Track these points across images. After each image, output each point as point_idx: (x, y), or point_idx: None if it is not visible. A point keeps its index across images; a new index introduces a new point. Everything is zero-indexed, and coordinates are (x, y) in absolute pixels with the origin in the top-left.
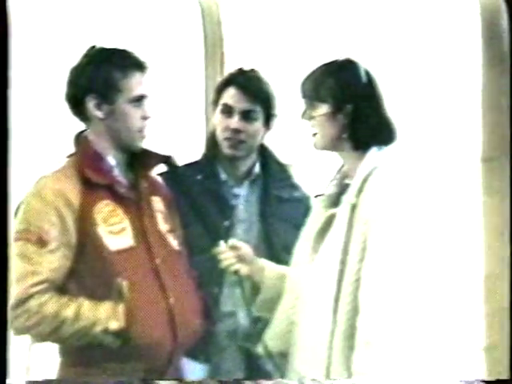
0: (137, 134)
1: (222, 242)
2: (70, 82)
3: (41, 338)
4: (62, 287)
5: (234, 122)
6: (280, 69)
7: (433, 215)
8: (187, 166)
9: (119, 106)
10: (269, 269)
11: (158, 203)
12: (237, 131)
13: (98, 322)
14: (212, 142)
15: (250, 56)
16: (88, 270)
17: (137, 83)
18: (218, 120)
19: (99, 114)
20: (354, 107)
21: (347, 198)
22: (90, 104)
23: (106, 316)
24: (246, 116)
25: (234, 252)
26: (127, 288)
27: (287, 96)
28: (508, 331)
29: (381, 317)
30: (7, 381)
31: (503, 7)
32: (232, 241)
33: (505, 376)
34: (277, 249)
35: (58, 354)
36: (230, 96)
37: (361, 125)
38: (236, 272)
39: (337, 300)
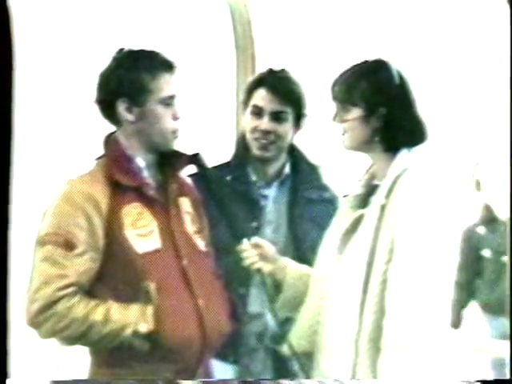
0: (169, 135)
1: (245, 240)
2: (100, 87)
3: (69, 341)
4: (89, 290)
5: (264, 123)
6: (311, 68)
7: (463, 217)
8: (217, 167)
9: (150, 107)
10: (291, 267)
11: (185, 204)
12: (266, 132)
13: (127, 324)
14: (242, 142)
15: (280, 56)
16: (116, 273)
17: (166, 83)
18: (247, 121)
19: (130, 117)
20: (386, 110)
21: (376, 199)
22: (121, 108)
23: (134, 319)
24: (276, 117)
25: (257, 250)
26: (155, 290)
27: (318, 95)
28: None
29: (407, 318)
30: (7, 381)
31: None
32: (255, 239)
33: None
34: (305, 250)
35: (88, 354)
36: (260, 97)
37: (393, 127)
38: (258, 270)
39: (363, 301)
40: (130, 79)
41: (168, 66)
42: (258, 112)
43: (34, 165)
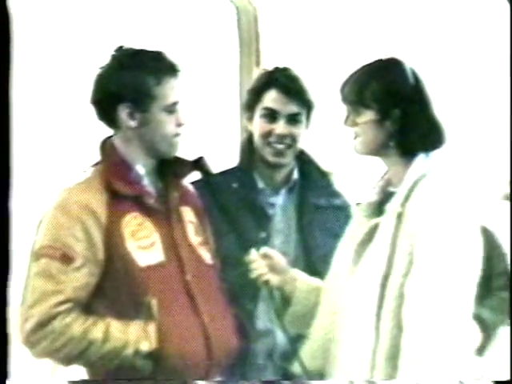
0: (171, 142)
1: (253, 251)
2: (99, 87)
3: (66, 361)
4: (88, 307)
5: (280, 126)
6: (319, 67)
7: (485, 226)
8: (222, 173)
9: (153, 114)
10: (301, 280)
11: (188, 214)
12: (283, 137)
13: (128, 343)
14: (248, 148)
15: (287, 53)
16: (116, 288)
17: (171, 89)
18: (257, 125)
19: (132, 123)
20: (401, 112)
21: (392, 207)
22: (123, 113)
23: (136, 337)
24: (292, 119)
25: (266, 261)
26: (158, 306)
27: (326, 96)
28: None
29: (426, 336)
30: (7, 382)
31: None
32: (264, 249)
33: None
34: (316, 261)
35: (86, 375)
36: (273, 99)
37: (409, 131)
38: (266, 282)
39: (379, 316)
40: (133, 83)
41: (173, 70)
42: (271, 115)
43: (26, 172)
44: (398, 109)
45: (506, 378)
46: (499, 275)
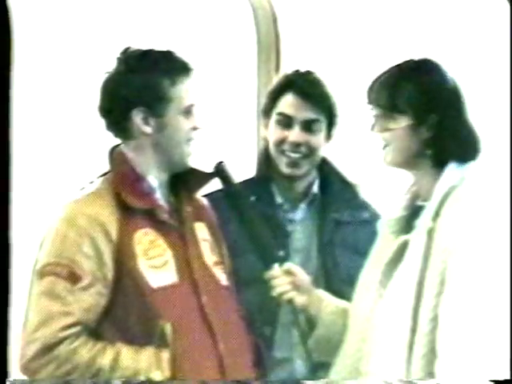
0: (187, 150)
1: (276, 266)
2: (108, 94)
3: None
4: (96, 330)
5: (294, 133)
6: (342, 69)
7: None
8: (240, 184)
9: (170, 118)
10: (327, 302)
11: (202, 230)
12: (297, 145)
13: (139, 371)
14: (265, 157)
15: (308, 56)
16: (126, 311)
17: (186, 90)
18: (272, 132)
19: (147, 129)
20: (439, 117)
21: (422, 222)
22: (137, 119)
23: (147, 365)
24: (308, 127)
25: (289, 278)
26: (171, 331)
27: (349, 100)
28: None
29: (462, 362)
30: (7, 381)
31: None
32: (288, 264)
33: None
34: (338, 282)
35: None
36: (288, 104)
37: (446, 138)
38: (290, 301)
39: (411, 343)
40: (146, 86)
41: (186, 69)
42: (286, 121)
43: (30, 183)
44: (435, 114)
45: (506, 377)
46: None
